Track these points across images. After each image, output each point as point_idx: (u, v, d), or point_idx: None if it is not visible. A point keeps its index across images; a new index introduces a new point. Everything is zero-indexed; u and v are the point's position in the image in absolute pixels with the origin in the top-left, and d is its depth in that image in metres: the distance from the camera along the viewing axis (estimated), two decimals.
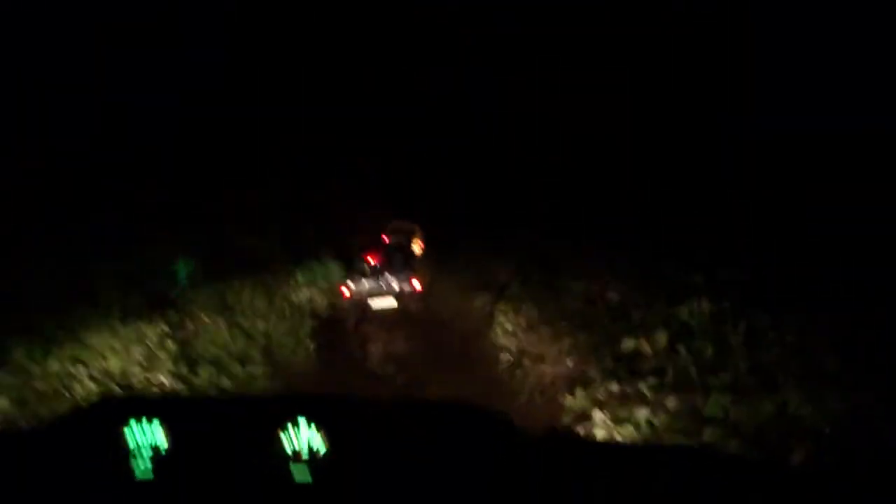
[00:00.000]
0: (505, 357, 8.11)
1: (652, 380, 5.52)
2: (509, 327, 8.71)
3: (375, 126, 15.88)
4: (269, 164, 13.21)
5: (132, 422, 2.08)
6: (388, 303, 10.80)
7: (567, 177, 11.37)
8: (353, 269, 11.20)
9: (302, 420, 2.05)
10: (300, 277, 10.71)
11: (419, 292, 10.92)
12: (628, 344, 6.26)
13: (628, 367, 6.12)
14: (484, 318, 9.76)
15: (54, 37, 9.51)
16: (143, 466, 2.08)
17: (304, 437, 2.03)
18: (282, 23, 13.84)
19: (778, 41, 8.91)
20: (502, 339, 8.63)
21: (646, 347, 6.08)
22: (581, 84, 10.84)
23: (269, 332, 8.22)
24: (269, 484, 1.99)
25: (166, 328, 7.13)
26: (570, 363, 6.91)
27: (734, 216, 8.02)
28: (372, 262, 11.32)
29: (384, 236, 13.37)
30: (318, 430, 2.00)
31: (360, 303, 10.85)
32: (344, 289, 10.91)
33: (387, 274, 11.03)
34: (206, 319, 7.62)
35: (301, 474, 1.98)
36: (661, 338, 6.30)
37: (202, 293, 8.23)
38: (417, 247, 13.94)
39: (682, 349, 5.92)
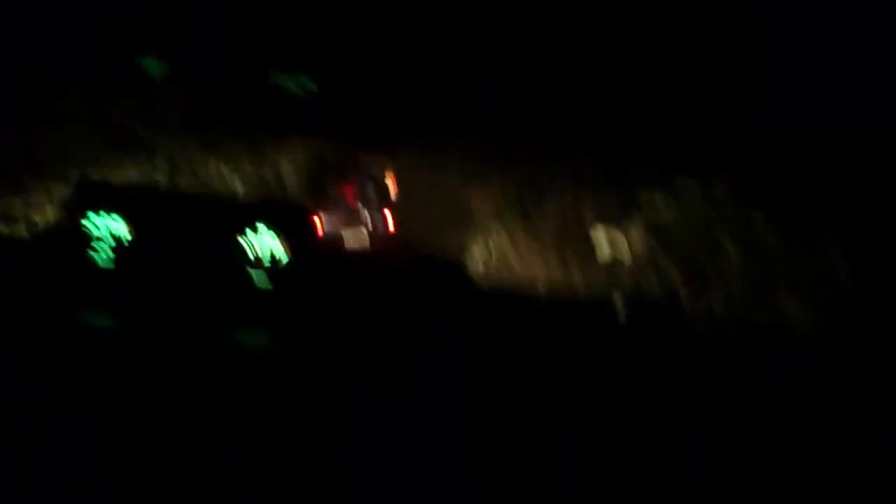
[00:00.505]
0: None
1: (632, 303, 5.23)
2: (483, 264, 8.79)
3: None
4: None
5: (91, 213, 2.08)
6: (360, 237, 10.56)
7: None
8: (327, 200, 10.92)
9: (262, 226, 2.03)
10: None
11: (391, 226, 10.75)
12: (600, 244, 5.97)
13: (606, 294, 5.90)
14: (457, 257, 9.61)
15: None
16: (104, 256, 2.07)
17: (266, 244, 2.00)
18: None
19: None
20: (476, 277, 8.70)
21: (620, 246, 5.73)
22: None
23: None
24: (229, 287, 1.99)
25: None
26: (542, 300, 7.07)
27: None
28: (344, 198, 11.08)
29: (357, 169, 13.13)
30: (279, 237, 1.98)
31: (330, 239, 10.51)
32: (316, 220, 10.49)
33: (360, 207, 10.88)
34: None
35: (261, 281, 1.98)
36: (635, 237, 5.92)
37: None
38: (390, 180, 13.68)
39: (661, 256, 5.49)
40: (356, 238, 10.62)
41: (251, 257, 1.78)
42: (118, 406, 1.65)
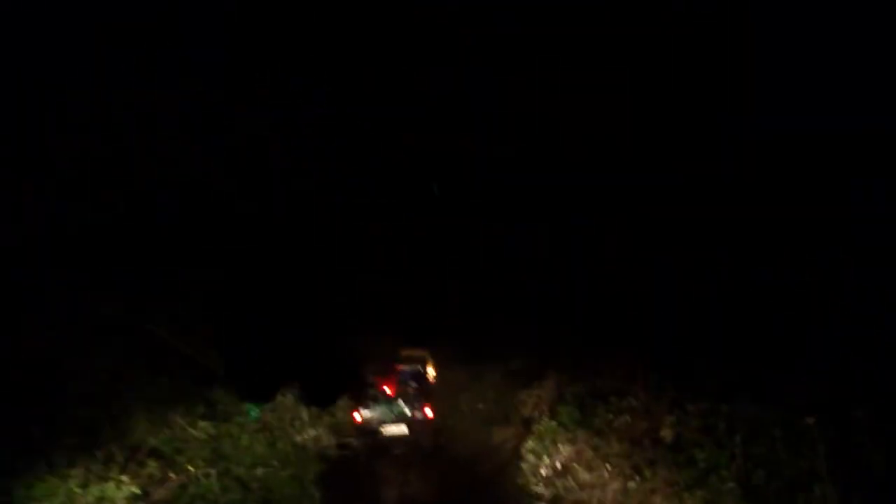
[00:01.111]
0: None
1: None
2: (543, 471, 7.70)
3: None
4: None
5: None
6: (400, 430, 10.86)
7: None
8: (366, 396, 11.12)
9: None
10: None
11: (431, 420, 10.96)
12: None
13: None
14: (508, 458, 9.07)
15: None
16: None
17: None
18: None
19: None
20: (533, 485, 7.74)
21: None
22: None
23: (268, 480, 7.35)
24: None
25: (136, 489, 5.87)
26: None
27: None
28: (384, 390, 11.31)
29: (396, 364, 13.29)
30: None
31: (370, 430, 10.79)
32: (356, 415, 10.91)
33: (399, 401, 11.01)
34: (193, 470, 6.56)
35: None
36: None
37: (192, 438, 7.02)
38: (430, 374, 13.91)
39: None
40: (395, 428, 10.86)
41: None
42: None
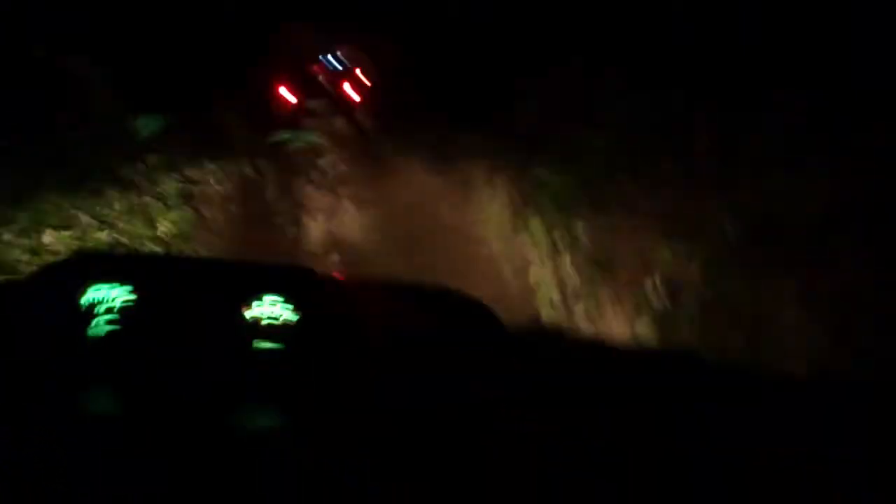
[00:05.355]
0: None
1: None
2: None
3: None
4: None
5: (93, 287, 1.86)
6: (324, 108, 11.75)
7: None
8: (294, 75, 11.88)
9: (267, 297, 1.85)
10: None
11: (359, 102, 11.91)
12: None
13: None
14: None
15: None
16: (95, 327, 1.84)
17: (273, 313, 1.84)
18: None
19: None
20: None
21: None
22: None
23: None
24: (234, 362, 1.79)
25: None
26: None
27: None
28: (313, 71, 12.28)
29: (331, 58, 13.91)
30: (287, 305, 1.81)
31: (298, 113, 11.56)
32: (287, 94, 11.65)
33: (324, 81, 12.21)
34: None
35: (267, 354, 1.83)
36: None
37: None
38: (365, 74, 14.24)
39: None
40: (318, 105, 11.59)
41: (258, 328, 1.64)
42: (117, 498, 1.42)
